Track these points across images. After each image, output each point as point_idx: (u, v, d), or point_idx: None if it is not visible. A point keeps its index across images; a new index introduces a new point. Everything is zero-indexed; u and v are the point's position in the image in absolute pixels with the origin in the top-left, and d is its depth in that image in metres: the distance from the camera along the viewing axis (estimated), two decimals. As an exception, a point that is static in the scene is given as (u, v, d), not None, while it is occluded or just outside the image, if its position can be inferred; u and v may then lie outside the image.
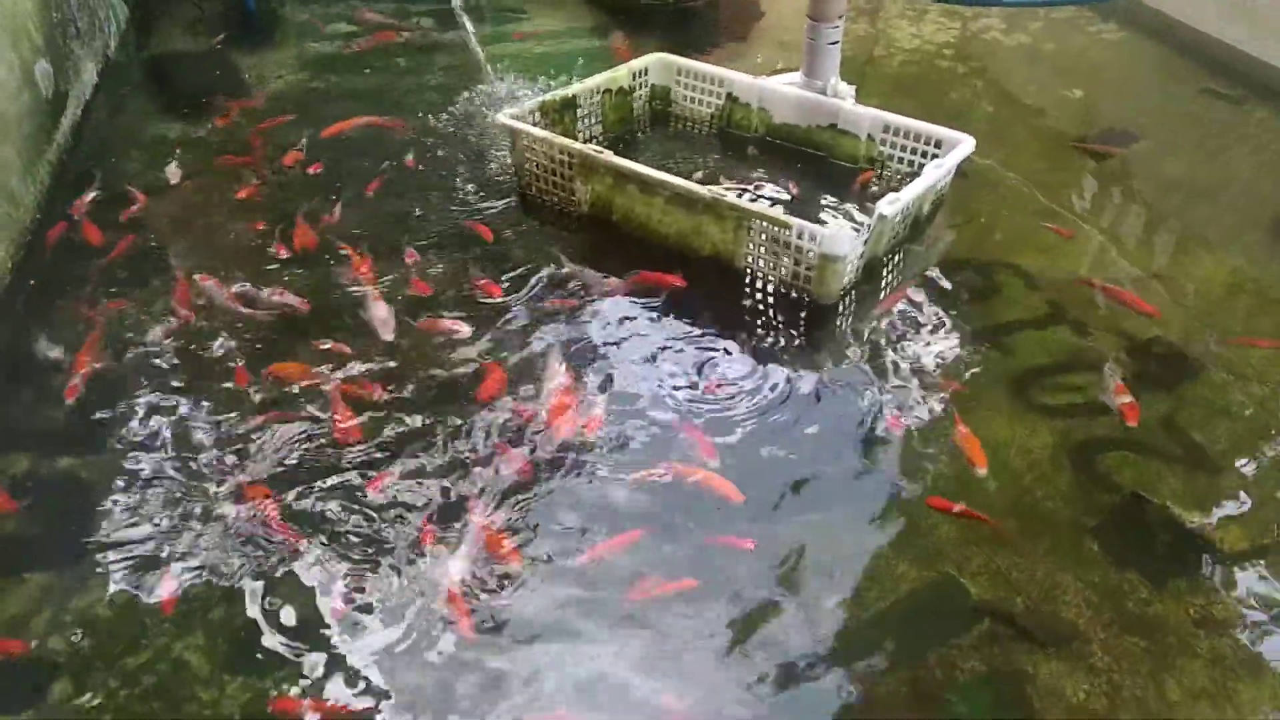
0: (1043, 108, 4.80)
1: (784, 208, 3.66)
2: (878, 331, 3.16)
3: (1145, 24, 5.66)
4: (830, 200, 3.80)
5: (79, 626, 2.20)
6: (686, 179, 3.37)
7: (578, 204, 3.70)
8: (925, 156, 3.73)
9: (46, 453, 2.65)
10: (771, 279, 3.33)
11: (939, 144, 3.69)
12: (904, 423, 2.79)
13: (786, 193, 3.83)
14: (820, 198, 3.82)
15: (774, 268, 3.29)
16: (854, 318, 3.24)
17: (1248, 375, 2.99)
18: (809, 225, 3.10)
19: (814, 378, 2.97)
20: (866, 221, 3.24)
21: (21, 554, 2.38)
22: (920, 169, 3.56)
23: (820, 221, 3.51)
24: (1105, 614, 2.26)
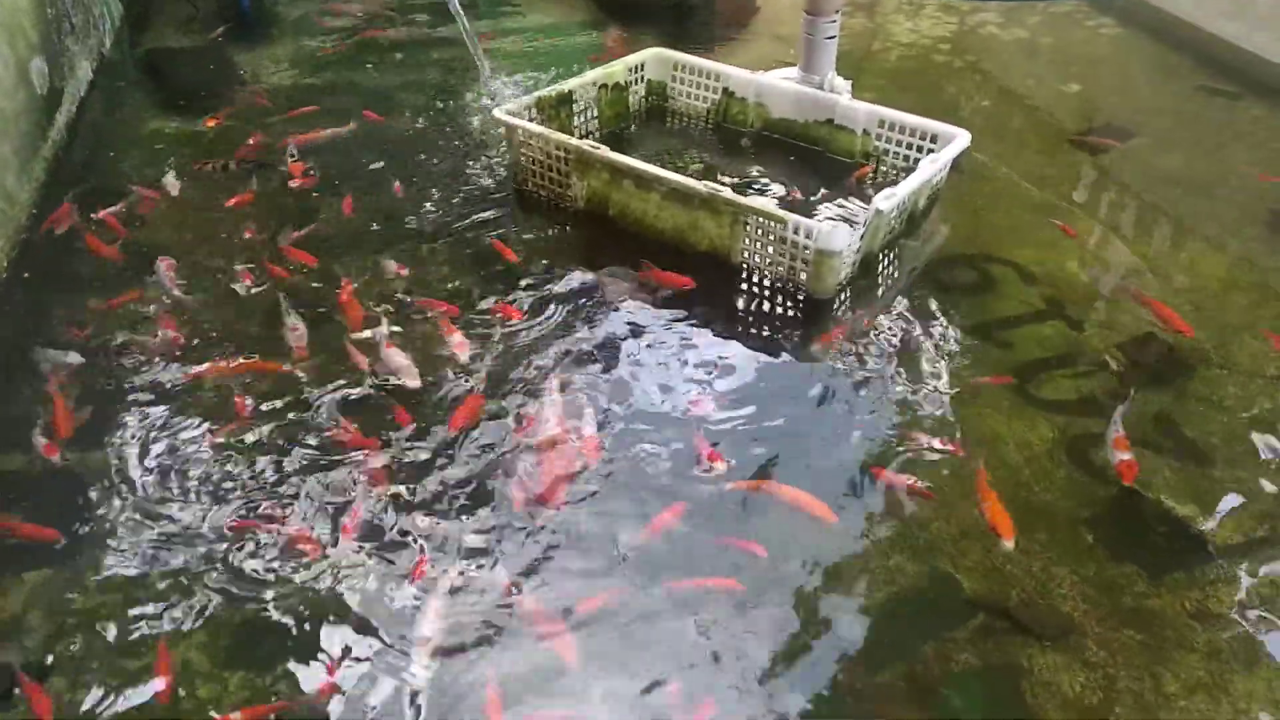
0: (1039, 103, 4.80)
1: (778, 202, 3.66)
2: (874, 326, 3.15)
3: (1143, 20, 5.66)
4: (827, 195, 3.80)
5: (76, 623, 2.19)
6: (683, 174, 3.37)
7: (574, 200, 3.70)
8: (921, 151, 3.73)
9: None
10: (768, 274, 3.33)
11: (935, 139, 3.69)
12: (900, 418, 2.79)
13: (788, 194, 3.81)
14: (817, 193, 3.81)
15: (770, 263, 3.29)
16: (850, 313, 3.24)
17: (1242, 369, 2.99)
18: (805, 220, 3.10)
19: (809, 373, 2.97)
20: (863, 216, 3.23)
21: (19, 551, 2.37)
22: (916, 164, 3.56)
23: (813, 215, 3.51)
24: (1101, 607, 2.26)
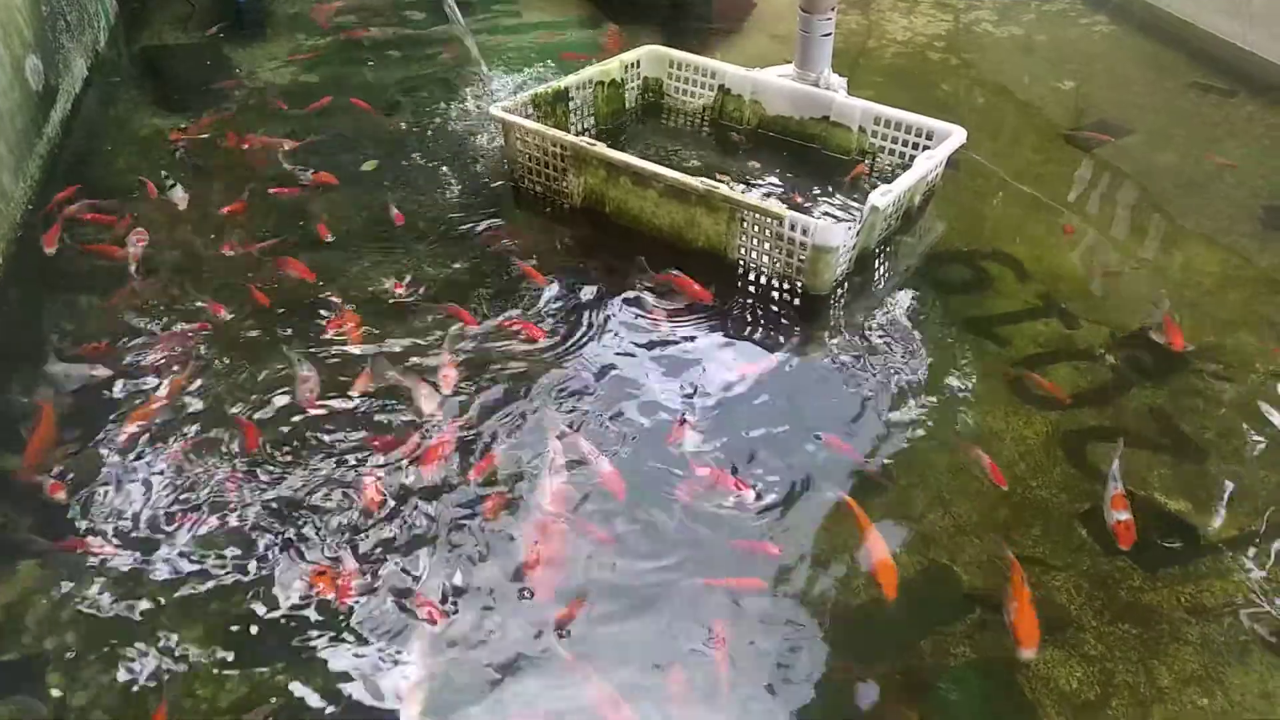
0: (1034, 100, 4.81)
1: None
2: (870, 322, 3.16)
3: (1136, 17, 5.69)
4: (823, 192, 3.81)
5: (73, 617, 2.19)
6: (679, 171, 3.37)
7: (570, 196, 3.70)
8: (917, 148, 3.74)
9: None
10: (764, 271, 3.33)
11: (930, 136, 3.70)
12: (896, 415, 2.80)
13: (788, 195, 3.81)
14: (813, 190, 3.82)
15: (767, 260, 3.29)
16: (846, 309, 3.25)
17: (1236, 365, 3.01)
18: (801, 217, 3.10)
19: (805, 368, 2.97)
20: (859, 213, 3.24)
21: (16, 543, 2.37)
22: (912, 160, 3.56)
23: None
24: (1097, 601, 2.27)
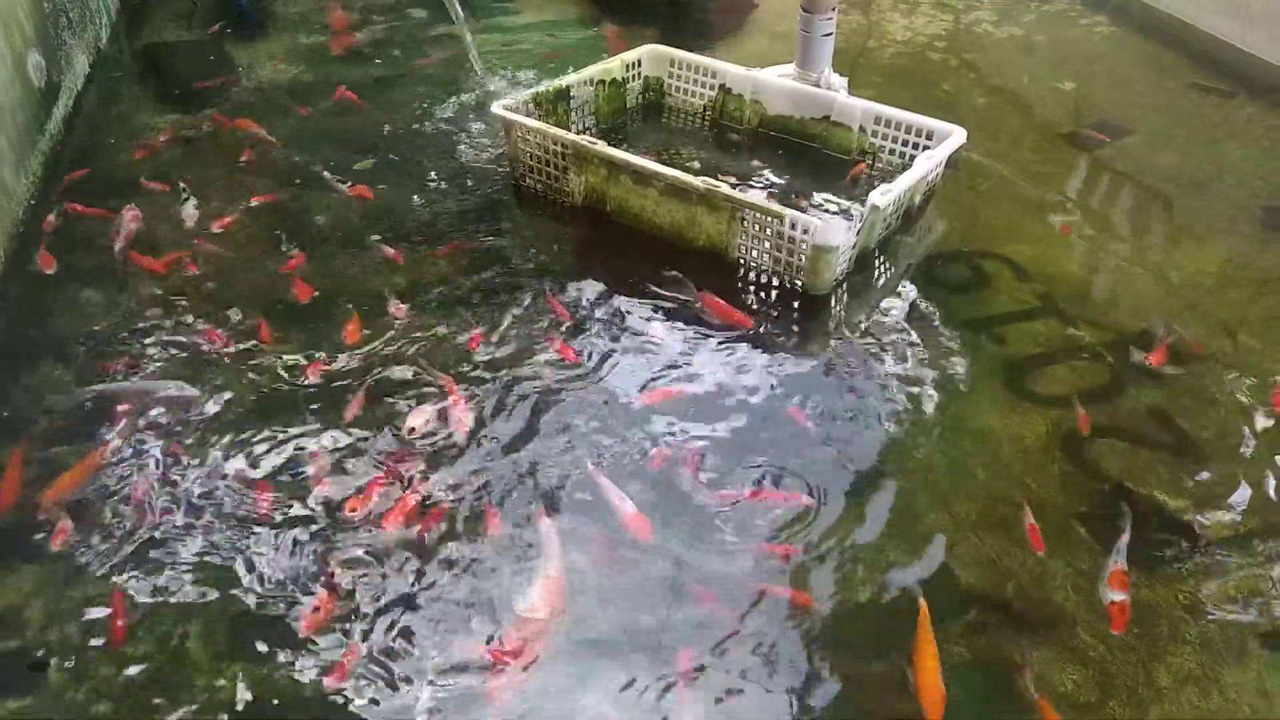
0: (1034, 100, 4.81)
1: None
2: (870, 322, 3.17)
3: (1136, 18, 5.69)
4: (823, 192, 3.81)
5: (74, 615, 2.20)
6: (680, 170, 3.37)
7: (571, 195, 3.71)
8: (917, 148, 3.74)
9: (40, 443, 2.65)
10: (765, 270, 3.34)
11: (930, 136, 3.71)
12: (896, 415, 2.81)
13: (789, 196, 3.80)
14: (813, 189, 3.83)
15: (767, 259, 3.30)
16: (846, 308, 3.26)
17: (1234, 365, 3.01)
18: (802, 216, 3.11)
19: (805, 367, 2.98)
20: (859, 212, 3.25)
21: (16, 543, 2.38)
22: (912, 160, 3.57)
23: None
24: (1096, 600, 2.28)
